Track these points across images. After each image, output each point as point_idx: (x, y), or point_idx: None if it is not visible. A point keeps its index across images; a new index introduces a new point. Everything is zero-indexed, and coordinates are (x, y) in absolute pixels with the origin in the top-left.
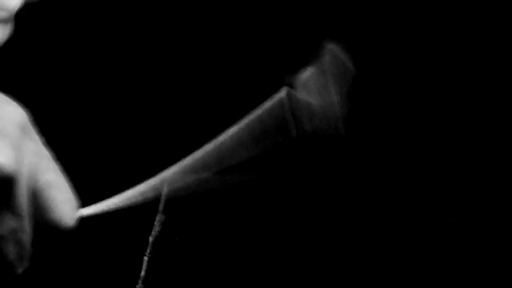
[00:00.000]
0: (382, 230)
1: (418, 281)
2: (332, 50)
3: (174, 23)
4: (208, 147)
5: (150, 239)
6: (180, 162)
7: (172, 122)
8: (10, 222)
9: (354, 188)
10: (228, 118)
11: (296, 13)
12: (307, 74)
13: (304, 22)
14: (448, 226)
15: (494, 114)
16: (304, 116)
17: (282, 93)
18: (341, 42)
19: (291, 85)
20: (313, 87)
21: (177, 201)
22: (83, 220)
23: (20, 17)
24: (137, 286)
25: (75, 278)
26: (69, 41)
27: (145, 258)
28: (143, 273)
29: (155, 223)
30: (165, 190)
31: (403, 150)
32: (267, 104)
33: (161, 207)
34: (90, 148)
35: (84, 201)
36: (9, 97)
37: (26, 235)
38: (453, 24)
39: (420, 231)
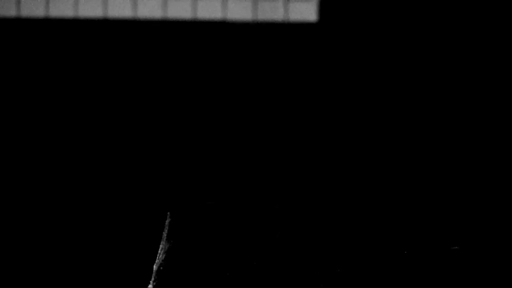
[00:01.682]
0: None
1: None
2: None
3: None
4: None
5: (155, 267)
6: None
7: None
8: None
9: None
10: None
11: None
12: None
13: None
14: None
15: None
16: None
17: None
18: None
19: None
20: None
21: (182, 228)
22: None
23: None
24: None
25: None
26: None
27: (150, 287)
28: None
29: (159, 251)
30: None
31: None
32: None
33: (165, 234)
34: None
35: None
36: None
37: None
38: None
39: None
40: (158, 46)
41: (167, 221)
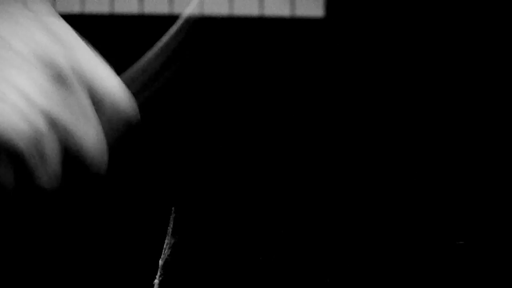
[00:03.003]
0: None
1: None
2: None
3: None
4: None
5: (161, 262)
6: None
7: None
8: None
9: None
10: None
11: None
12: None
13: None
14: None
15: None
16: None
17: None
18: None
19: None
20: None
21: (187, 223)
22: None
23: None
24: None
25: None
26: None
27: (156, 282)
28: None
29: (165, 246)
30: (173, 215)
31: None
32: None
33: (170, 230)
34: None
35: None
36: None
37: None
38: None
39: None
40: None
41: (171, 216)
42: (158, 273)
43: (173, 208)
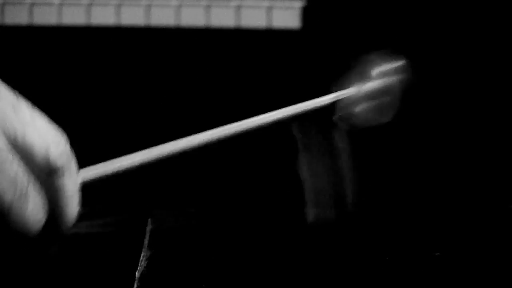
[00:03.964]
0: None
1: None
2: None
3: None
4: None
5: (137, 274)
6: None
7: None
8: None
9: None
10: None
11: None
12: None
13: None
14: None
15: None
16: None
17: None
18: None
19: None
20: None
21: (163, 235)
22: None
23: None
24: None
25: None
26: None
27: None
28: None
29: (141, 258)
30: (150, 225)
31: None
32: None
33: (146, 242)
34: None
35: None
36: None
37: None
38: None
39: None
40: (142, 52)
41: (148, 228)
42: (135, 285)
43: (149, 219)
